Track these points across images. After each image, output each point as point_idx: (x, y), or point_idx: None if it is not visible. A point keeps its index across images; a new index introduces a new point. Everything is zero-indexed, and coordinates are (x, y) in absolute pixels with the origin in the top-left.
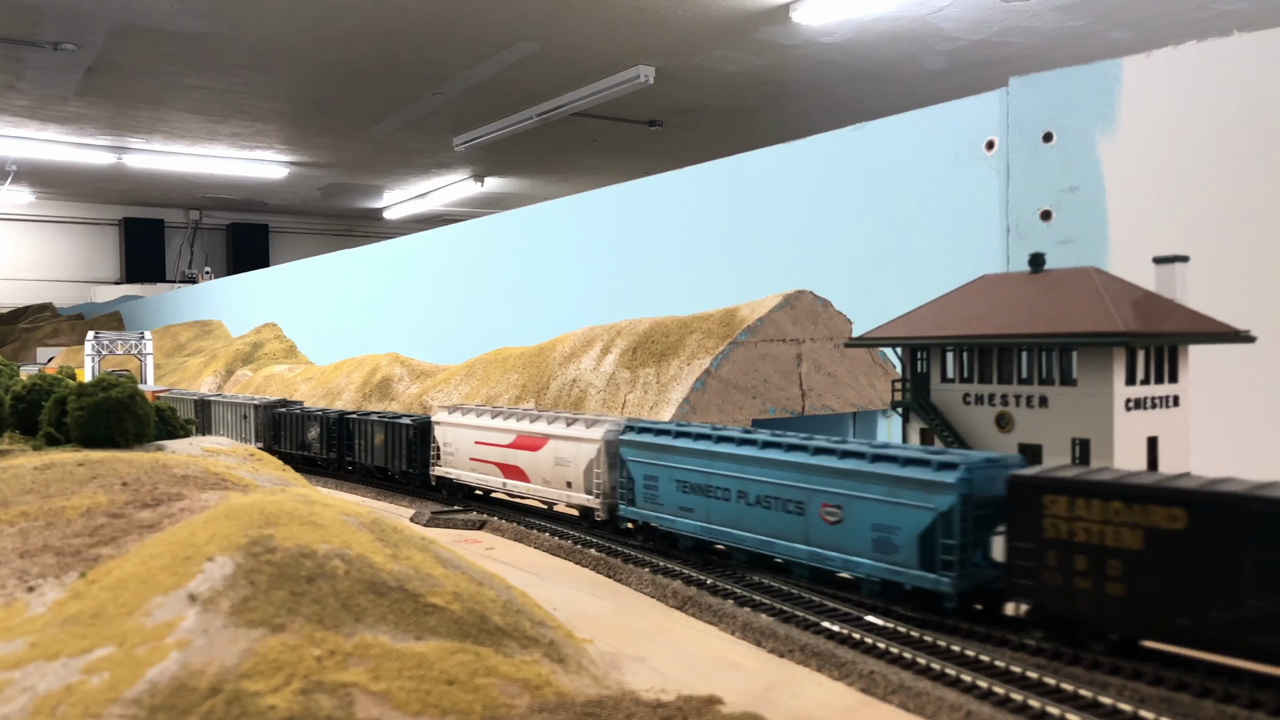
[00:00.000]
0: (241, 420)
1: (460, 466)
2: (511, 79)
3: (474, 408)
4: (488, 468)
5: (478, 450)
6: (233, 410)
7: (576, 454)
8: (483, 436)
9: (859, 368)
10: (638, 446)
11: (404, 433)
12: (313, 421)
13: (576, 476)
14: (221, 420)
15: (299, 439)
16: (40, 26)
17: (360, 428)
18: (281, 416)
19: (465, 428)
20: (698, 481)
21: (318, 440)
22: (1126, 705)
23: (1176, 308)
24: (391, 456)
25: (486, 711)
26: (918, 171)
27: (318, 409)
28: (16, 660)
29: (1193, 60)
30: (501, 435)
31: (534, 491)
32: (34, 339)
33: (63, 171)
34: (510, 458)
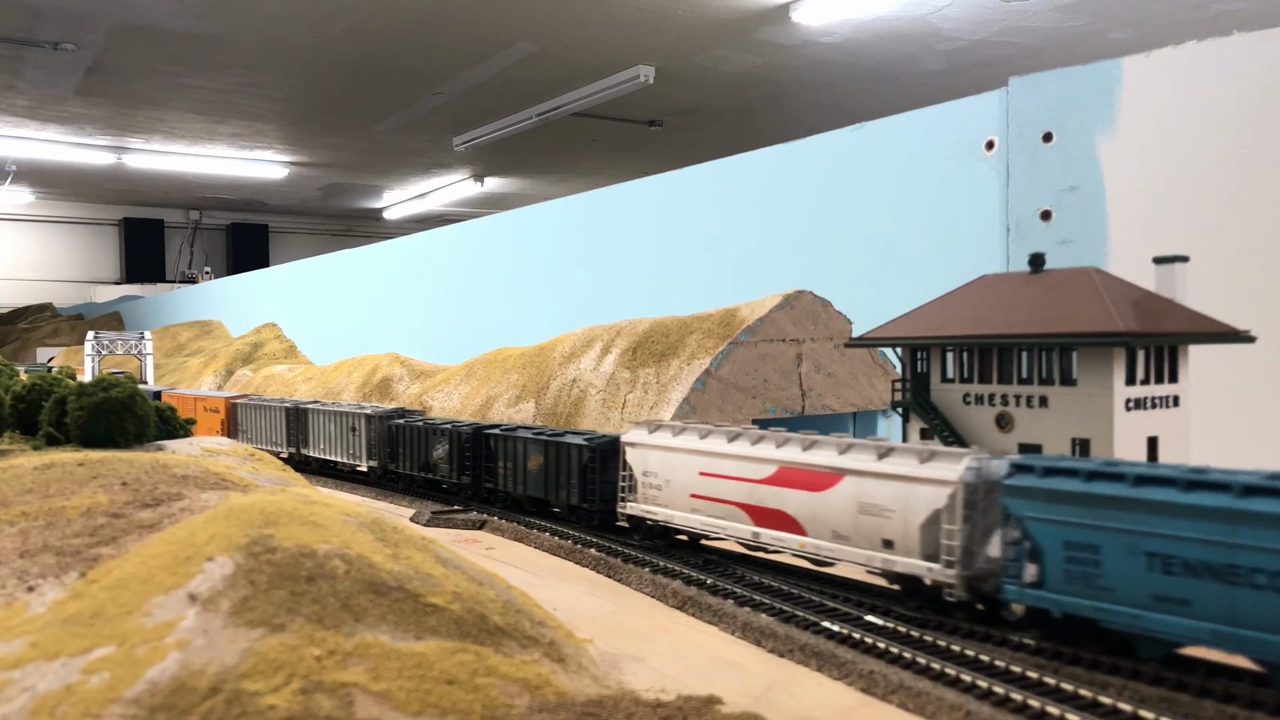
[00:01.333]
0: (348, 434)
1: (673, 505)
2: (511, 79)
3: (692, 425)
4: (725, 509)
5: (706, 485)
6: (336, 421)
7: (907, 500)
8: (715, 466)
9: (859, 368)
10: (1052, 498)
11: (574, 456)
12: (439, 436)
13: (904, 533)
14: (321, 433)
15: (420, 458)
16: (40, 26)
17: (506, 446)
18: (400, 430)
19: (681, 452)
20: (1203, 558)
21: (445, 460)
22: (1126, 705)
23: (1176, 308)
24: (554, 485)
25: (486, 711)
26: (918, 171)
27: (445, 421)
28: (16, 660)
29: (1193, 60)
30: (751, 466)
31: (818, 549)
32: (34, 339)
33: (63, 171)
34: (768, 498)
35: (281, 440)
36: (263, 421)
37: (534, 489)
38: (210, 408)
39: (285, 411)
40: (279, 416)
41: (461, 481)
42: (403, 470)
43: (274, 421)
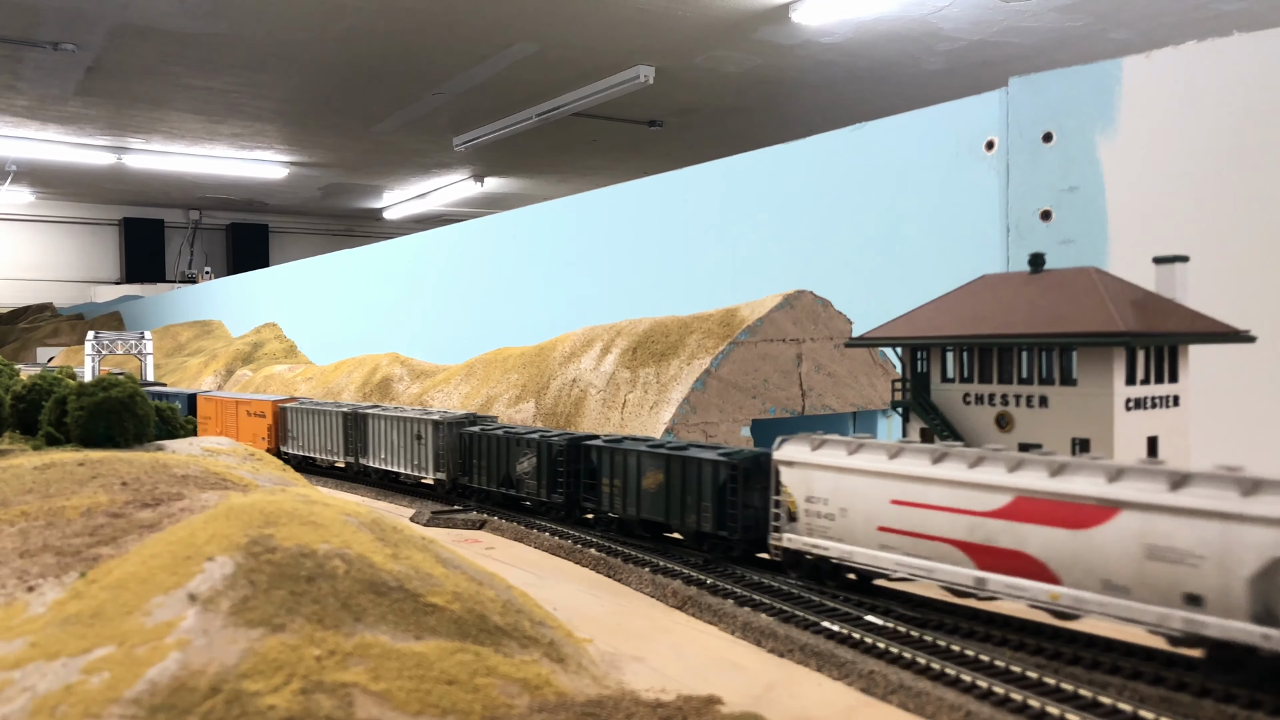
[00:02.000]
0: (413, 441)
1: (852, 539)
2: (511, 79)
3: (871, 442)
4: (932, 547)
5: (902, 516)
6: (400, 428)
7: (1225, 544)
8: (916, 493)
9: (859, 368)
10: None
11: (707, 474)
12: (524, 448)
13: (1221, 588)
14: (382, 441)
15: (501, 471)
16: (40, 26)
17: (614, 461)
18: (475, 439)
19: (865, 475)
20: None
21: (532, 475)
22: (1126, 705)
23: (1176, 308)
24: (678, 508)
25: (486, 711)
26: (918, 172)
27: (531, 430)
28: (16, 660)
29: (1193, 60)
30: (972, 494)
31: (1079, 603)
32: (34, 339)
33: (63, 171)
34: (999, 534)
35: (337, 449)
36: (316, 428)
37: (651, 511)
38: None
39: (342, 417)
40: (334, 423)
41: (553, 500)
42: (478, 485)
43: (329, 428)
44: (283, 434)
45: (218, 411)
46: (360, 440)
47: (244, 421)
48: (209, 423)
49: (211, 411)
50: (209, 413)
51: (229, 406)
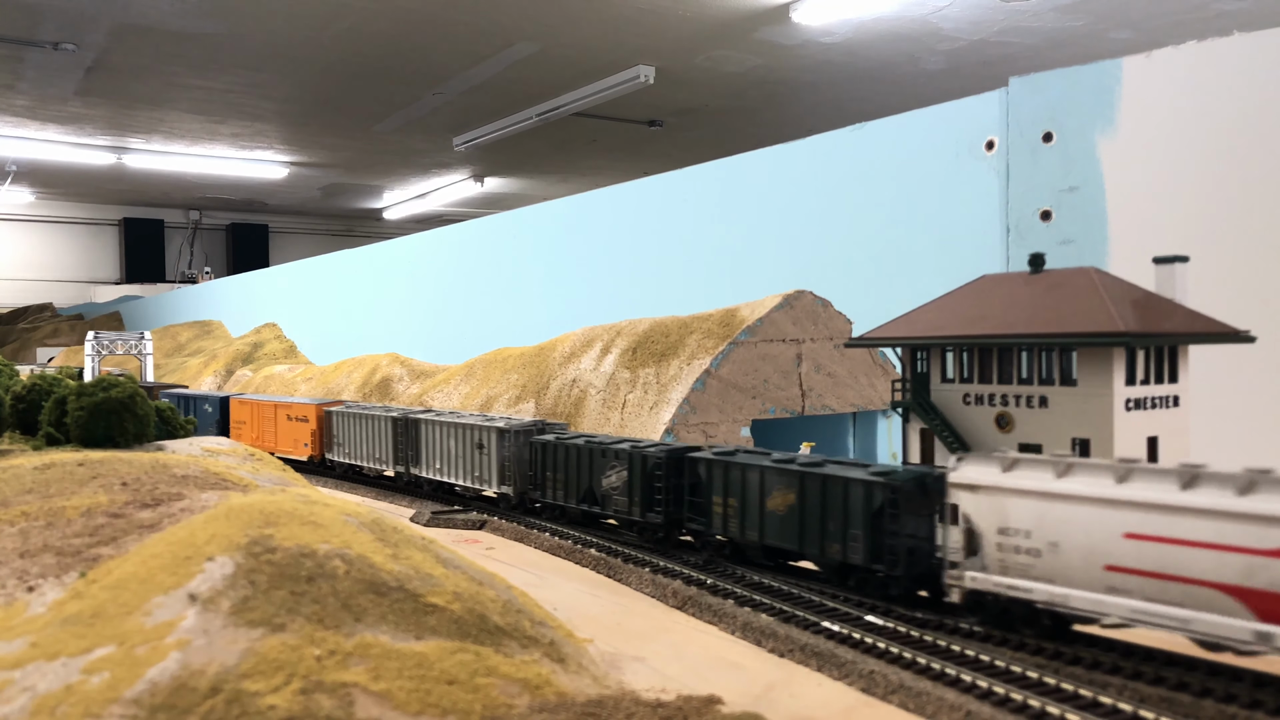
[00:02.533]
0: (473, 452)
1: (1068, 580)
2: (511, 79)
3: (1084, 462)
4: (1188, 592)
5: (1142, 554)
6: (458, 435)
7: None
8: (1163, 525)
9: (859, 368)
10: None
11: (855, 496)
12: (612, 459)
13: None
14: (438, 450)
15: (581, 485)
16: (40, 26)
17: (728, 477)
18: (548, 449)
19: (1085, 503)
20: None
21: (622, 491)
22: (1126, 705)
23: (1176, 308)
24: (814, 535)
25: (486, 711)
26: (918, 171)
27: (617, 439)
28: (16, 660)
29: (1193, 60)
30: (1249, 528)
31: None
32: (34, 339)
33: (63, 171)
34: None
35: (386, 457)
36: (364, 434)
37: (778, 537)
38: (296, 416)
39: (392, 423)
40: (384, 429)
41: (648, 520)
42: (551, 500)
43: (378, 435)
44: (328, 440)
45: (254, 416)
46: (412, 448)
47: (284, 426)
48: (244, 428)
49: (247, 415)
50: (243, 417)
51: (266, 410)
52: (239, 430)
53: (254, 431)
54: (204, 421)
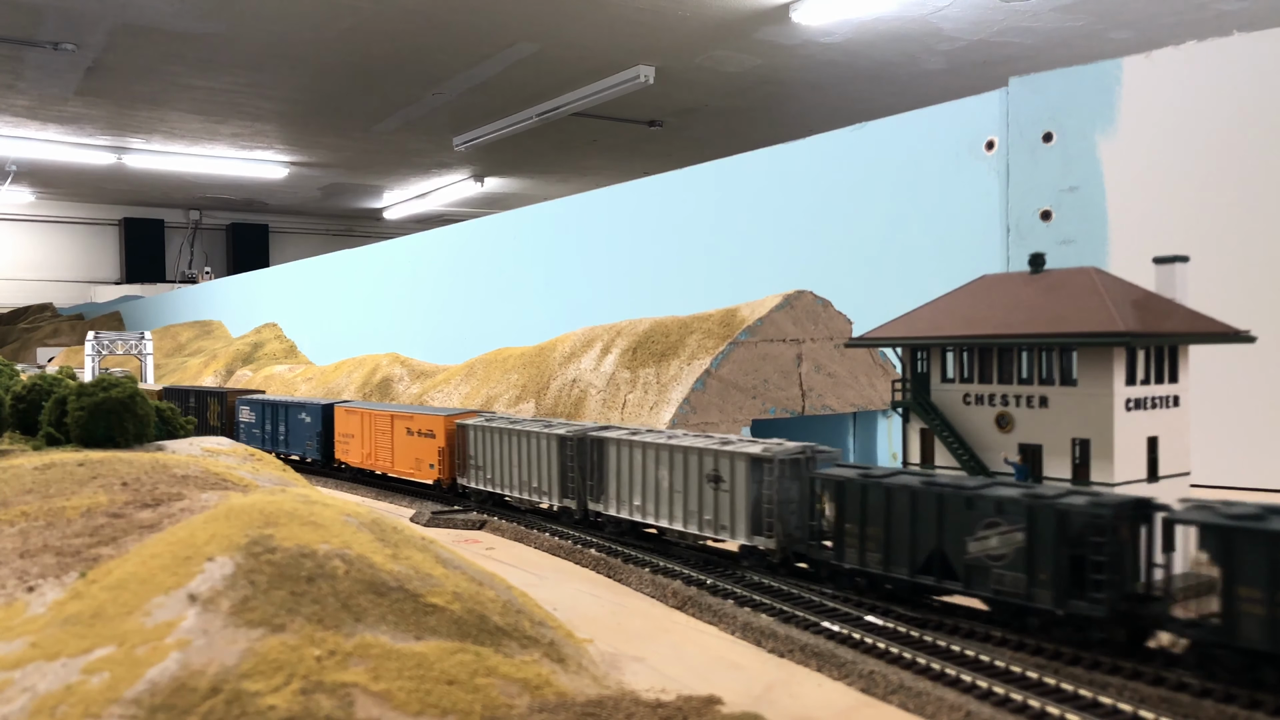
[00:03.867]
0: (701, 486)
1: None
2: (511, 79)
3: None
4: None
5: None
6: (679, 463)
7: None
8: None
9: (859, 368)
10: None
11: None
12: (991, 512)
13: None
14: (640, 480)
15: (923, 546)
16: (40, 26)
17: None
18: (857, 490)
19: None
20: None
21: (1015, 562)
22: (1126, 705)
23: (1176, 308)
24: None
25: (486, 711)
26: (918, 172)
27: (991, 482)
28: (16, 660)
29: (1193, 60)
30: None
31: None
32: (34, 339)
33: (63, 171)
34: None
35: (548, 485)
36: (516, 455)
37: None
38: (419, 430)
39: (560, 442)
40: (547, 450)
41: (1073, 610)
42: (861, 565)
43: (538, 456)
44: (461, 461)
45: (365, 428)
46: (594, 476)
47: (403, 442)
48: (351, 443)
49: (355, 428)
50: (351, 429)
51: (381, 422)
52: (345, 445)
53: (365, 448)
54: (299, 435)
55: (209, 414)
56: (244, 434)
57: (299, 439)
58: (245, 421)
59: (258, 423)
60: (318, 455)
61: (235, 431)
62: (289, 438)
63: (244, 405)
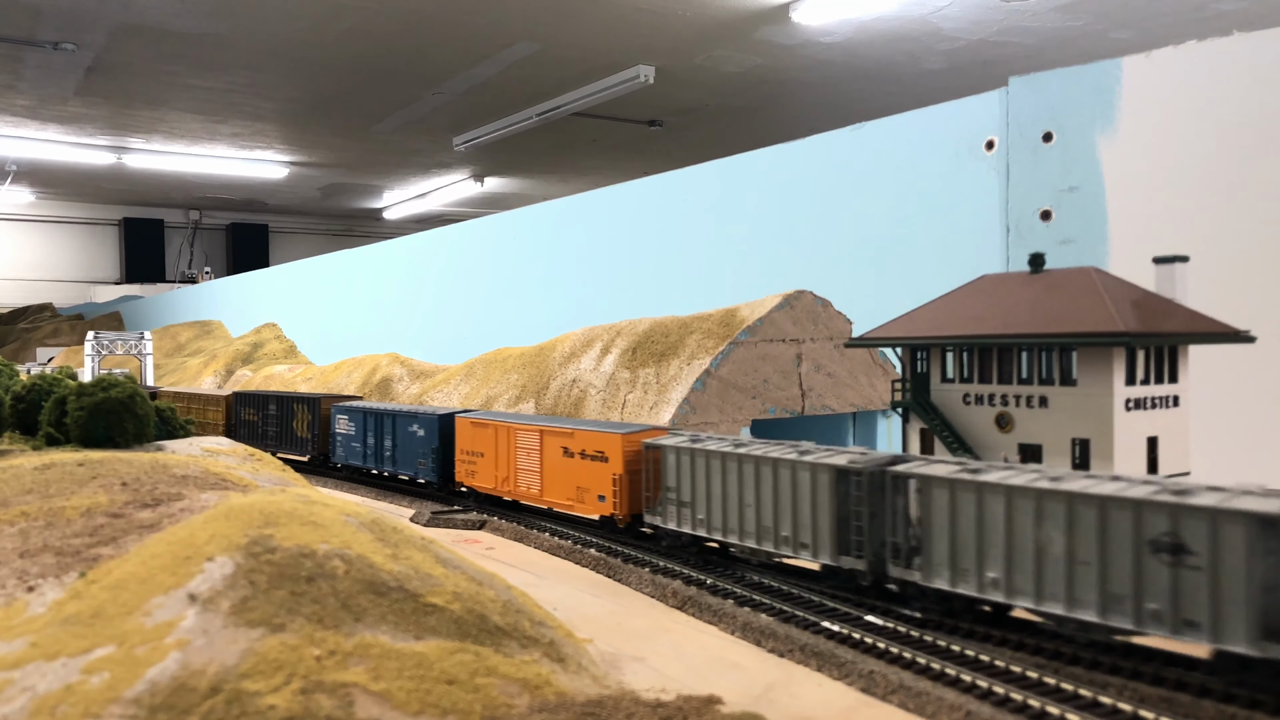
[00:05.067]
0: (1137, 557)
1: None
2: (511, 79)
3: None
4: None
5: None
6: (1073, 514)
7: None
8: None
9: (859, 368)
10: None
11: None
12: None
13: None
14: (999, 539)
15: None
16: (40, 26)
17: None
18: None
19: None
20: None
21: None
22: (1126, 705)
23: (1176, 308)
24: None
25: (486, 711)
26: (918, 171)
27: None
28: (16, 660)
29: (1193, 60)
30: None
31: None
32: (34, 339)
33: (63, 171)
34: None
35: (814, 536)
36: (750, 489)
37: None
38: (585, 451)
39: (833, 475)
40: (810, 484)
41: None
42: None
43: (790, 492)
44: (650, 493)
45: (500, 446)
46: (900, 532)
47: (558, 465)
48: (479, 463)
49: (485, 444)
50: (479, 445)
51: (525, 439)
52: (470, 466)
53: (499, 469)
54: (409, 451)
55: (295, 424)
56: (341, 448)
57: (409, 456)
58: (342, 434)
59: (358, 435)
60: (433, 477)
61: (331, 446)
62: (396, 454)
63: (341, 415)
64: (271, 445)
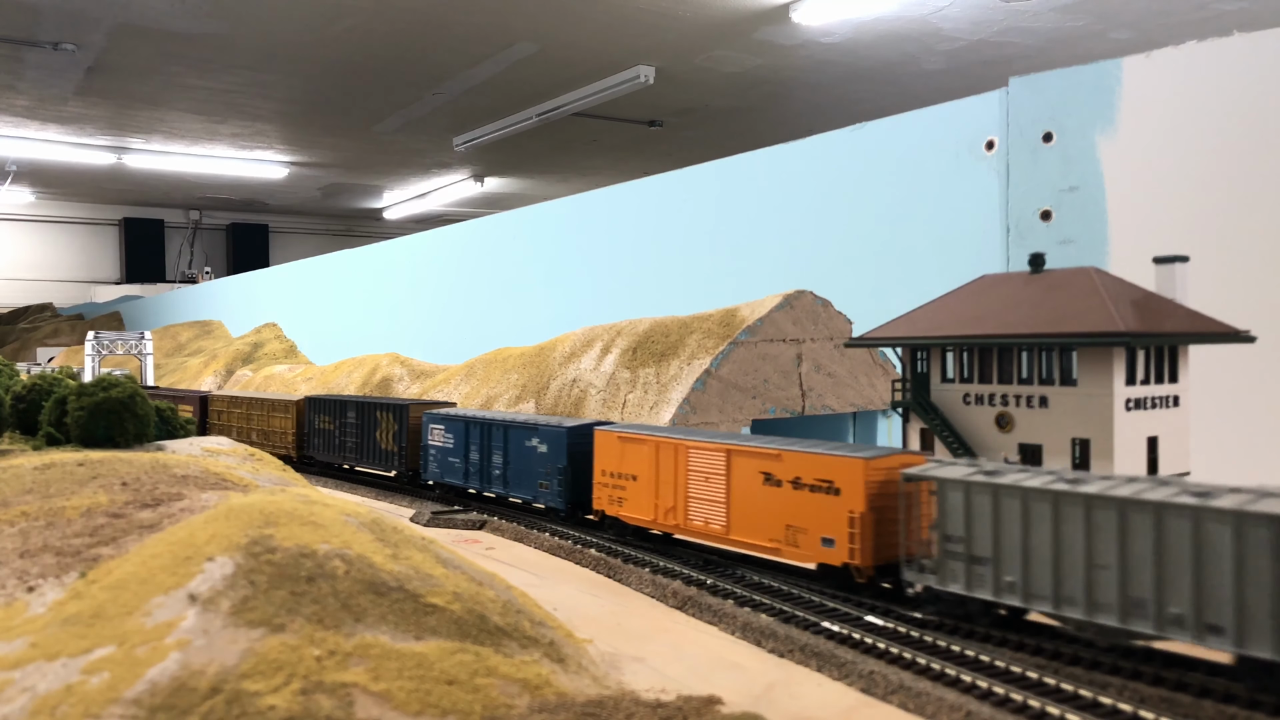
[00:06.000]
0: None
1: None
2: (511, 79)
3: None
4: None
5: None
6: None
7: None
8: None
9: (859, 368)
10: None
11: None
12: None
13: None
14: None
15: None
16: (40, 26)
17: None
18: None
19: None
20: None
21: None
22: (1126, 705)
23: (1176, 308)
24: None
25: (486, 711)
26: (918, 171)
27: None
28: (16, 660)
29: (1193, 60)
30: None
31: None
32: (34, 339)
33: (63, 171)
34: None
35: (1256, 624)
36: (1111, 545)
37: None
38: (801, 480)
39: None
40: (1234, 541)
41: None
42: None
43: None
44: (909, 537)
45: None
46: None
47: (755, 495)
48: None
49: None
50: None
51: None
52: (617, 491)
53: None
54: (526, 470)
55: (379, 434)
56: (435, 463)
57: (526, 476)
58: (437, 446)
59: (457, 449)
60: (558, 502)
61: (423, 461)
62: (509, 473)
63: (436, 424)
64: (350, 458)
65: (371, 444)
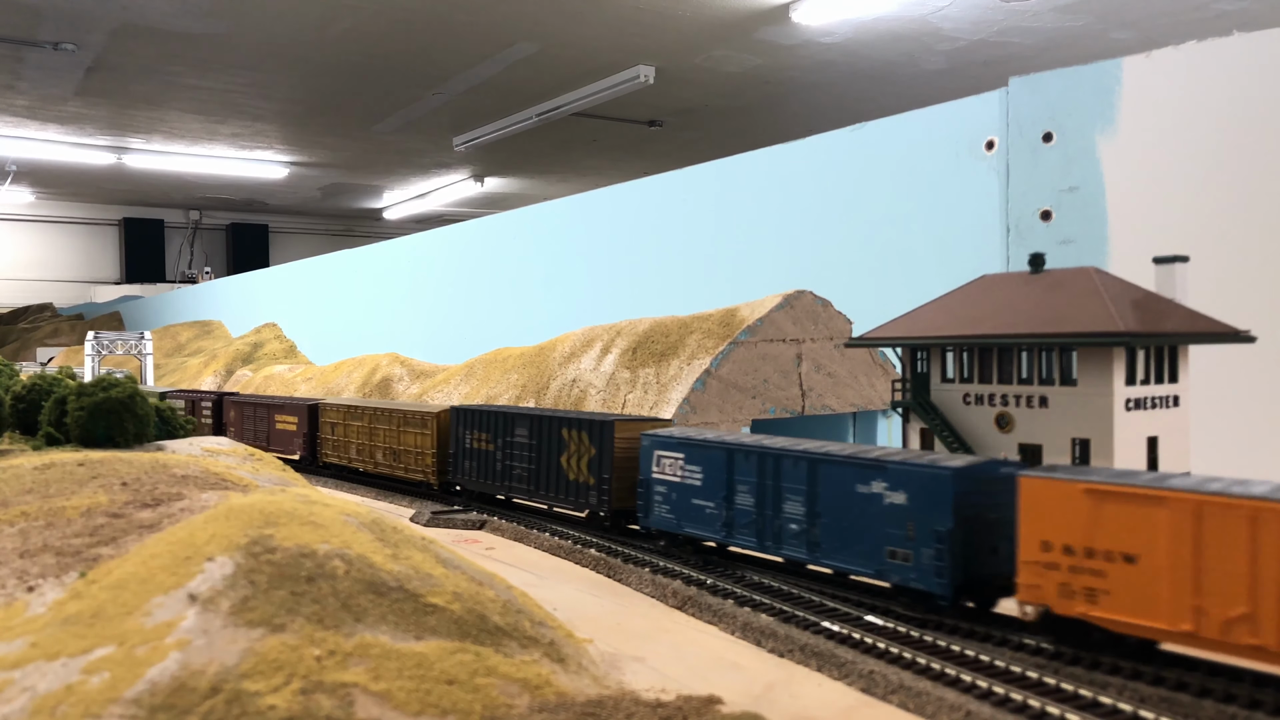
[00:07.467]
0: None
1: None
2: (511, 79)
3: None
4: None
5: None
6: None
7: None
8: None
9: (859, 368)
10: None
11: None
12: None
13: None
14: None
15: None
16: (40, 26)
17: None
18: None
19: None
20: None
21: None
22: (1126, 705)
23: (1176, 308)
24: None
25: (486, 711)
26: (918, 171)
27: None
28: (16, 660)
29: (1193, 60)
30: None
31: None
32: (34, 339)
33: (63, 171)
34: None
35: None
36: None
37: None
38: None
39: None
40: None
41: None
42: None
43: None
44: None
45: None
46: None
47: None
48: (1122, 575)
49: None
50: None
51: None
52: (1092, 578)
53: (1209, 597)
54: (856, 529)
55: (565, 459)
56: (664, 504)
57: (854, 537)
58: (668, 482)
59: (709, 487)
60: (934, 585)
61: (642, 500)
62: (819, 531)
63: (667, 451)
64: (520, 489)
65: (553, 472)
